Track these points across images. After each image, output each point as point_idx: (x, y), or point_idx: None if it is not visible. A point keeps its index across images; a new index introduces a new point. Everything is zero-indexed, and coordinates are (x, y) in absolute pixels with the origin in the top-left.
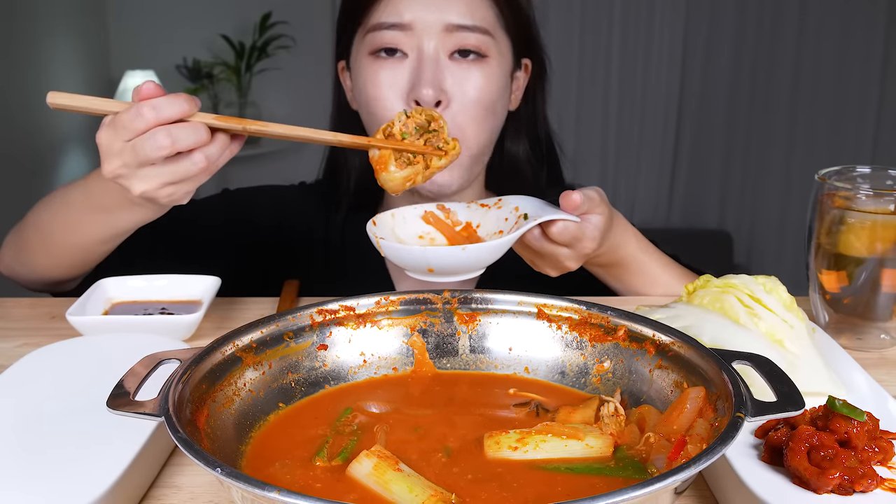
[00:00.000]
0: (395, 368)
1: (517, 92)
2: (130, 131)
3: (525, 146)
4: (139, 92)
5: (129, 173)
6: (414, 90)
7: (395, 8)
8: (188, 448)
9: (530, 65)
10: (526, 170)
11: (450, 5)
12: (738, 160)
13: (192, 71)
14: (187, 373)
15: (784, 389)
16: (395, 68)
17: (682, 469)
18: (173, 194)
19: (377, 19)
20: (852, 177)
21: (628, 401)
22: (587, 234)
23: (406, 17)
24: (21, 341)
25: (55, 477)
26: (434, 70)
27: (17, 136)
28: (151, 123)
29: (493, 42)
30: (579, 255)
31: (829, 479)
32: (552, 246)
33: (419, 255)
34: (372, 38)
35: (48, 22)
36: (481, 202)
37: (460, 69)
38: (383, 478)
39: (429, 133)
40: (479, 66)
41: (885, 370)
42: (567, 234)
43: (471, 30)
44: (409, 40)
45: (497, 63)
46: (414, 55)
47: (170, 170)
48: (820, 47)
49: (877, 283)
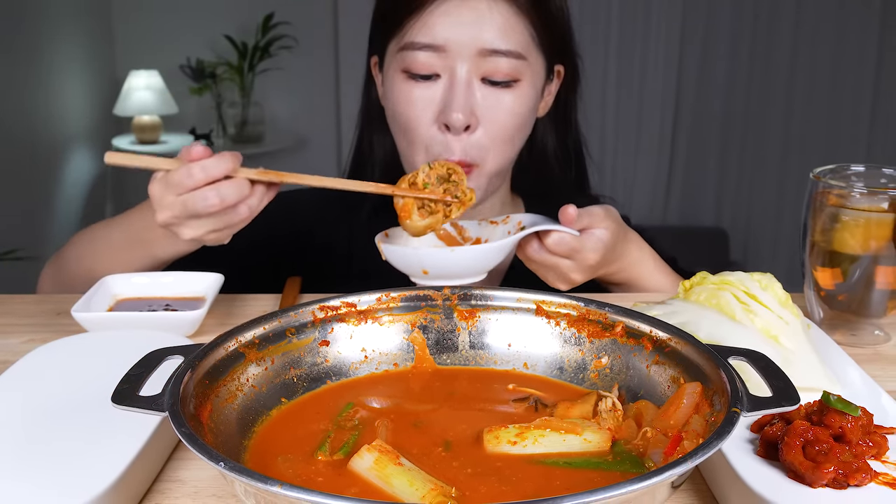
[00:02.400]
0: (395, 364)
1: (548, 98)
2: (182, 188)
3: (555, 148)
4: (189, 153)
5: (179, 223)
6: (444, 113)
7: (430, 27)
8: (192, 443)
9: (563, 71)
10: (554, 173)
11: (484, 25)
12: (734, 159)
13: (195, 71)
14: (191, 368)
15: (779, 385)
16: (427, 89)
17: (679, 463)
18: (218, 238)
19: (411, 37)
20: (847, 175)
21: (626, 396)
22: (587, 247)
23: (440, 39)
24: (27, 337)
25: (61, 471)
26: (466, 94)
27: (22, 135)
28: (201, 183)
29: (526, 65)
30: (582, 266)
31: (823, 473)
32: (553, 257)
33: (413, 256)
34: (404, 57)
35: (53, 22)
36: (491, 220)
37: (492, 93)
38: (384, 472)
39: (448, 183)
40: (511, 91)
41: (878, 366)
42: (564, 245)
43: (504, 54)
44: (442, 62)
45: (529, 84)
46: (446, 77)
47: (216, 220)
48: (815, 47)
49: (871, 279)
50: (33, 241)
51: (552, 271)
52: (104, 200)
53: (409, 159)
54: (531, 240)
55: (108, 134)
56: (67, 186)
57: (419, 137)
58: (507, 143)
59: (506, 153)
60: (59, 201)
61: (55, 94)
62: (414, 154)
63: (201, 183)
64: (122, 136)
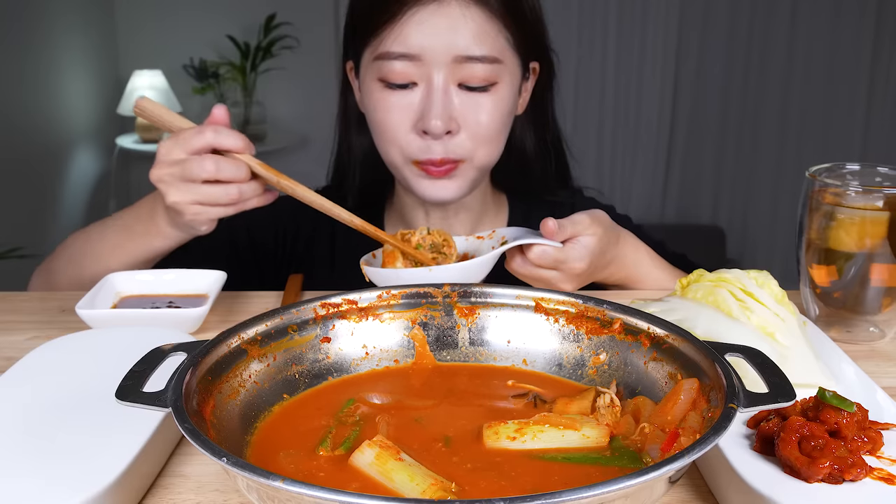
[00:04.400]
0: (396, 360)
1: (525, 95)
2: (188, 147)
3: (533, 145)
4: (212, 114)
5: (170, 182)
6: (423, 120)
7: (404, 36)
8: (195, 438)
9: (538, 67)
10: (534, 168)
11: (458, 32)
12: (730, 157)
13: (198, 70)
14: (194, 365)
15: (776, 381)
16: (404, 97)
17: (676, 458)
18: (199, 214)
19: (385, 47)
20: (842, 174)
21: (624, 392)
22: (572, 256)
23: (415, 48)
24: (31, 334)
25: (66, 466)
26: (443, 101)
27: (27, 134)
28: (209, 143)
29: (502, 68)
30: (570, 276)
31: (819, 468)
32: (537, 270)
33: (394, 276)
34: (380, 67)
35: (58, 23)
36: (477, 235)
37: (470, 98)
38: (385, 467)
39: (440, 254)
40: (489, 95)
41: (873, 362)
42: (547, 258)
43: (480, 60)
44: (418, 70)
45: (507, 86)
46: (423, 85)
47: (205, 191)
48: (811, 47)
49: (866, 277)
50: (37, 240)
51: (540, 283)
52: (107, 199)
53: (388, 158)
54: (515, 254)
55: (112, 133)
56: (71, 185)
57: (398, 143)
58: (493, 143)
59: (492, 151)
60: (63, 200)
61: (59, 94)
62: (393, 155)
63: (209, 144)
64: (126, 136)
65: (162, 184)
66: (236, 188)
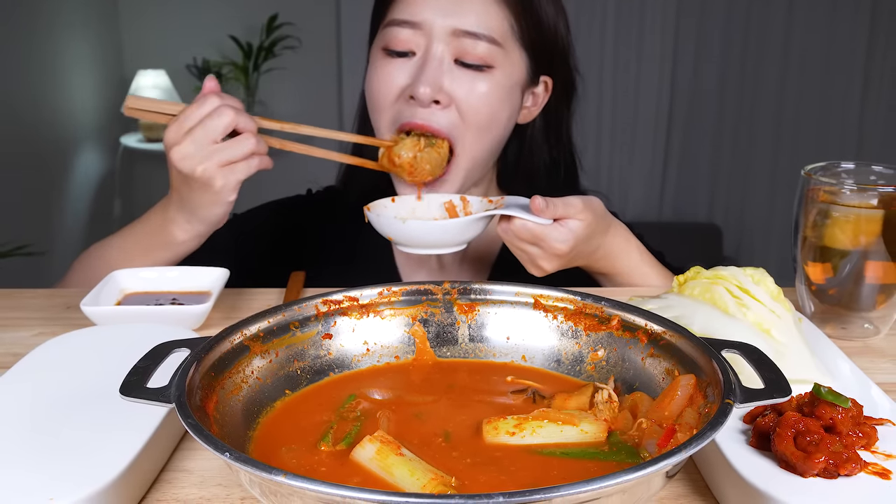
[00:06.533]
0: (397, 357)
1: (533, 108)
2: (197, 117)
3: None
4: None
5: (194, 152)
6: (412, 86)
7: (411, 5)
8: (198, 433)
9: (550, 82)
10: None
11: (463, 10)
12: (727, 156)
13: (201, 70)
14: (197, 361)
15: (771, 377)
16: (402, 66)
17: (673, 453)
18: (228, 178)
19: (392, 15)
20: (837, 172)
21: (621, 388)
22: (553, 236)
23: (418, 17)
24: (37, 330)
25: (71, 461)
26: (436, 71)
27: (32, 133)
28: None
29: (501, 52)
30: (551, 255)
31: (814, 463)
32: (518, 241)
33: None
34: (385, 34)
35: (62, 23)
36: (490, 198)
37: (464, 75)
38: (386, 462)
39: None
40: (484, 76)
41: (868, 358)
42: (526, 232)
43: (479, 38)
44: (419, 40)
45: (504, 74)
46: (421, 54)
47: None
48: (806, 46)
49: (860, 274)
50: (43, 238)
51: (520, 254)
52: (112, 197)
53: (376, 125)
54: (502, 221)
55: (117, 132)
56: (76, 184)
57: (386, 110)
58: (484, 131)
59: (483, 142)
60: (69, 198)
61: (64, 94)
62: (379, 120)
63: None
64: (130, 135)
65: (186, 160)
66: (253, 137)
